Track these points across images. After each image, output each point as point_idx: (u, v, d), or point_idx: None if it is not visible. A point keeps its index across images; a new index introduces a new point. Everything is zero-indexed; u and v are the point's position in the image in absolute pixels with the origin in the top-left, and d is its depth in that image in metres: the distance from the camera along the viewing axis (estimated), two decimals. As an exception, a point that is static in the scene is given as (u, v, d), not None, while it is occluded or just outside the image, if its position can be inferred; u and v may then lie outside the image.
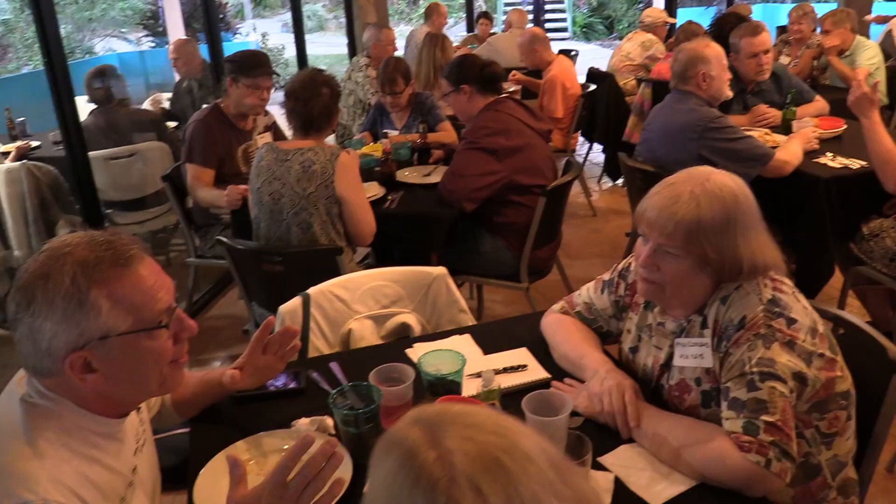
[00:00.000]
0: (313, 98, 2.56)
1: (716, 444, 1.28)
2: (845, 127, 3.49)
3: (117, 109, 4.18)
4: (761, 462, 1.23)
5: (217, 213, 3.33)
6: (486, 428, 0.72)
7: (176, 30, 10.13)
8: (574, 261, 4.30)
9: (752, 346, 1.32)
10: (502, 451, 0.69)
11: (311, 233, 2.56)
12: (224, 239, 2.62)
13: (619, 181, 5.73)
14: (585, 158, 6.20)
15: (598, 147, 6.01)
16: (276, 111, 3.34)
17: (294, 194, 2.53)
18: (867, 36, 6.01)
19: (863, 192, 2.94)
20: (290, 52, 8.49)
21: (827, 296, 3.36)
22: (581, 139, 5.90)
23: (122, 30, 16.12)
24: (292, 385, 1.62)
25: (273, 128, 3.56)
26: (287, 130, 3.05)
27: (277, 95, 3.05)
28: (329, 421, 1.46)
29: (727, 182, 1.40)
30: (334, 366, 1.66)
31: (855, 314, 2.99)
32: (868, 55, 4.86)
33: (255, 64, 3.19)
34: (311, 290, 1.95)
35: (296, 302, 1.92)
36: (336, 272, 2.21)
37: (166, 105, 5.27)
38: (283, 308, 1.90)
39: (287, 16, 7.24)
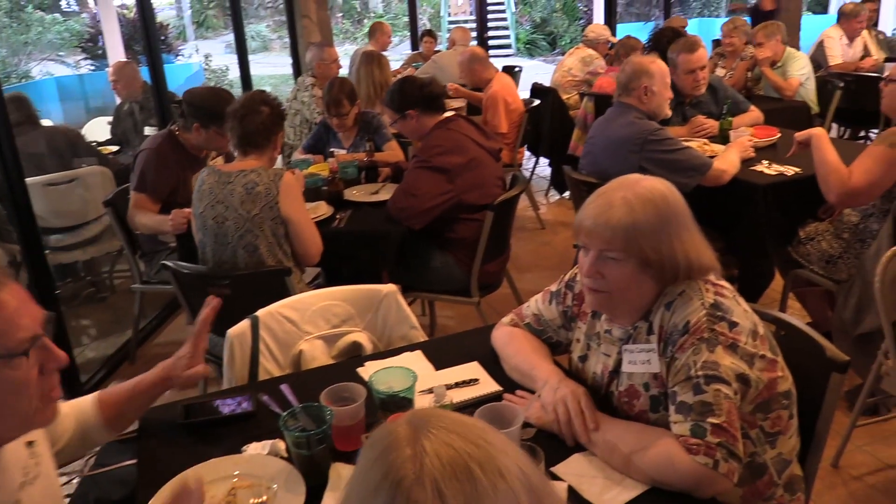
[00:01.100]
0: (250, 115, 2.54)
1: (664, 448, 1.30)
2: (779, 135, 3.61)
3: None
4: (709, 463, 1.26)
5: (164, 238, 3.27)
6: (470, 437, 0.72)
7: (116, 52, 9.94)
8: (524, 274, 4.34)
9: (696, 350, 1.35)
10: (477, 462, 0.70)
11: (257, 255, 2.53)
12: (170, 263, 2.57)
13: (566, 194, 5.81)
14: (532, 172, 6.28)
15: (544, 161, 6.10)
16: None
17: (238, 217, 2.50)
18: (797, 48, 6.24)
19: (798, 198, 3.04)
20: (235, 73, 8.41)
21: (769, 299, 3.45)
22: (527, 153, 5.97)
23: (60, 53, 15.75)
24: (243, 409, 1.60)
25: (229, 155, 3.50)
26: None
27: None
28: (281, 444, 1.44)
29: (657, 185, 1.45)
30: (285, 388, 1.64)
31: (796, 316, 3.09)
32: (798, 66, 5.05)
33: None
34: (260, 313, 1.93)
35: (244, 325, 1.90)
36: (285, 293, 2.19)
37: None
38: (231, 331, 1.87)
39: (230, 37, 7.19)
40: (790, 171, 3.12)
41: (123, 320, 3.89)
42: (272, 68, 15.69)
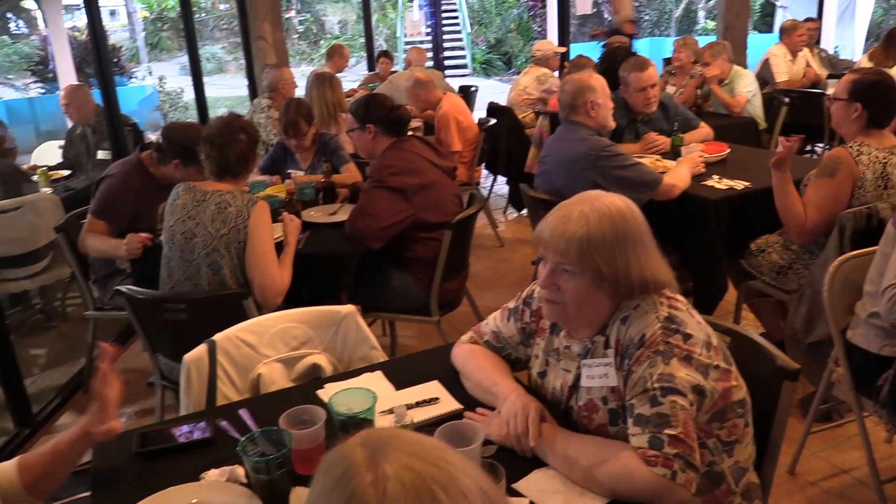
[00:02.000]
0: (230, 144, 2.53)
1: (623, 461, 1.32)
2: (729, 151, 3.70)
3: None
4: (667, 474, 1.28)
5: (120, 265, 3.21)
6: (429, 459, 0.71)
7: (67, 75, 9.79)
8: (484, 291, 4.35)
9: (652, 363, 1.37)
10: (439, 484, 0.69)
11: (220, 275, 2.51)
12: (123, 289, 2.52)
13: (524, 211, 5.87)
14: (490, 191, 6.33)
15: (501, 179, 6.15)
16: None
17: (207, 234, 2.49)
18: (744, 66, 6.42)
19: (748, 211, 3.12)
20: (190, 96, 8.33)
21: (724, 310, 3.52)
22: (485, 172, 6.02)
23: (9, 76, 15.43)
24: (200, 435, 1.57)
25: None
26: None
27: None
28: (240, 470, 1.42)
29: (616, 201, 1.47)
30: (244, 413, 1.62)
31: (750, 326, 3.16)
32: (745, 83, 5.21)
33: None
34: (217, 337, 1.90)
35: (201, 350, 1.87)
36: (243, 317, 2.16)
37: None
38: (187, 357, 1.84)
39: (185, 58, 7.14)
40: (740, 185, 3.20)
41: (77, 348, 3.80)
42: (228, 90, 15.59)
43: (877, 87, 2.67)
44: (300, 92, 5.08)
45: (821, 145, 6.22)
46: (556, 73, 6.11)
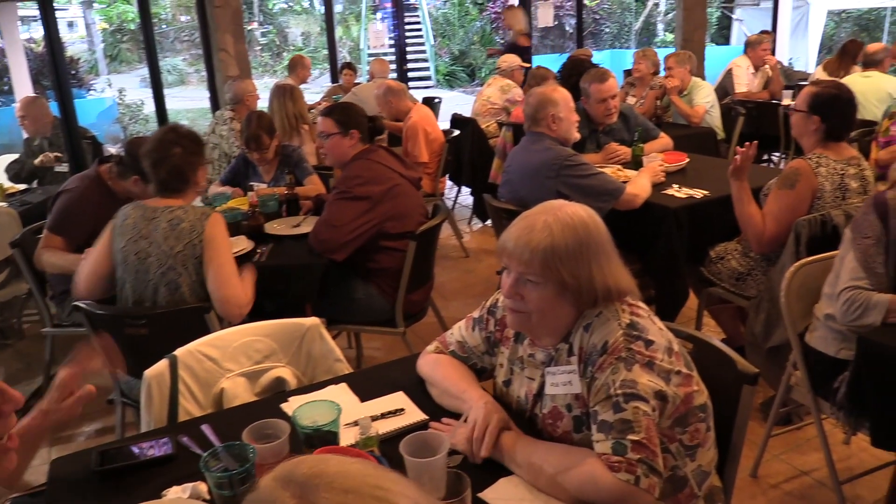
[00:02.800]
0: (163, 160, 2.47)
1: (588, 467, 1.33)
2: (688, 160, 3.77)
3: None
4: (631, 480, 1.29)
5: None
6: (364, 491, 0.68)
7: (23, 87, 9.62)
8: (449, 302, 4.36)
9: (614, 370, 1.39)
10: None
11: (179, 293, 2.46)
12: (82, 304, 2.47)
13: (489, 222, 5.90)
14: (455, 201, 6.35)
15: (466, 190, 6.18)
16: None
17: (161, 253, 2.43)
18: (702, 77, 6.56)
19: (708, 219, 3.18)
20: (150, 108, 8.23)
21: (686, 317, 3.57)
22: (449, 183, 6.04)
23: (-38, 89, 15.07)
24: (162, 452, 1.54)
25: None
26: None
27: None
28: (203, 486, 1.40)
29: (578, 212, 1.49)
30: (206, 428, 1.59)
31: (711, 332, 3.21)
32: (703, 94, 5.32)
33: None
34: (179, 352, 1.87)
35: (162, 365, 1.84)
36: (205, 331, 2.13)
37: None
38: (148, 372, 1.81)
39: (145, 70, 7.06)
40: (699, 193, 3.26)
41: (34, 366, 3.71)
42: (189, 102, 15.43)
43: (835, 101, 2.73)
44: (263, 104, 5.04)
45: (777, 155, 6.37)
46: (520, 86, 6.16)
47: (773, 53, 7.30)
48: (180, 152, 2.49)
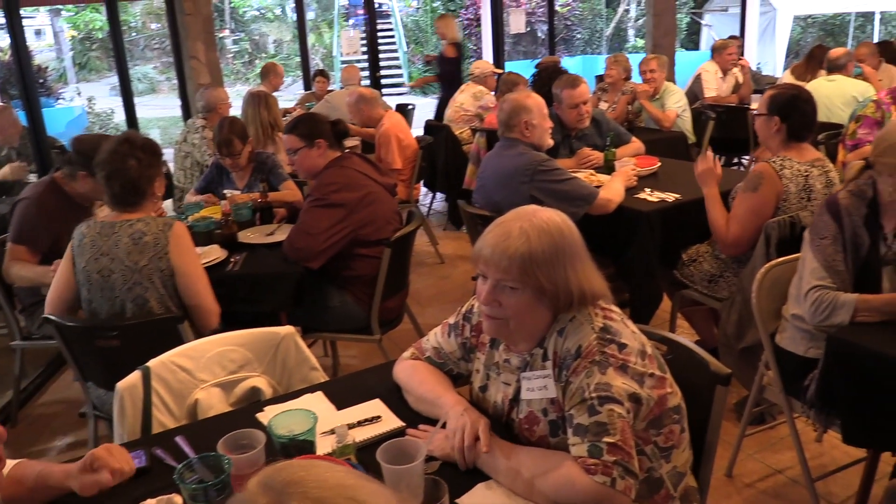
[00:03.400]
0: (116, 172, 2.39)
1: (564, 470, 1.33)
2: (660, 164, 3.81)
3: None
4: (607, 482, 1.30)
5: (45, 291, 3.09)
6: (336, 502, 0.68)
7: (-12, 97, 9.45)
8: (425, 308, 4.36)
9: (589, 373, 1.40)
10: None
11: (147, 308, 2.42)
12: (52, 317, 2.43)
13: (464, 228, 5.91)
14: (430, 208, 6.36)
15: (440, 196, 6.19)
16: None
17: (125, 269, 2.38)
18: (673, 82, 6.64)
19: (680, 222, 3.21)
20: (121, 116, 8.13)
21: (660, 320, 3.61)
22: (424, 189, 6.04)
23: (-74, 99, 14.77)
24: (135, 465, 1.52)
25: None
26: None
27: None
28: (177, 499, 1.38)
29: (553, 217, 1.50)
30: (181, 440, 1.58)
31: (685, 335, 3.24)
32: (675, 99, 5.39)
33: None
34: (152, 363, 1.85)
35: (135, 377, 1.82)
36: (178, 342, 2.11)
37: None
38: (120, 384, 1.79)
39: (115, 78, 6.98)
40: (671, 197, 3.30)
41: (3, 380, 3.64)
42: (161, 111, 15.28)
43: (794, 101, 2.80)
44: (235, 112, 5.01)
45: (747, 158, 6.46)
46: (493, 93, 6.19)
47: (741, 57, 7.42)
48: (135, 165, 2.41)
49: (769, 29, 15.41)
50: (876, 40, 9.63)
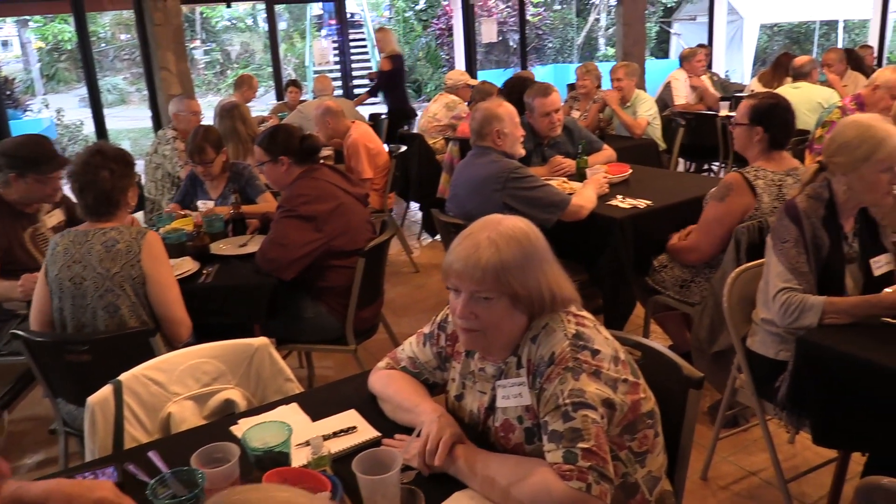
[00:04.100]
0: (89, 184, 2.39)
1: (540, 477, 1.34)
2: (631, 171, 3.85)
3: None
4: (583, 487, 1.31)
5: (10, 307, 3.03)
6: None
7: (-47, 110, 9.27)
8: (401, 318, 4.35)
9: (562, 380, 1.41)
10: None
11: (119, 316, 2.40)
12: (20, 332, 2.39)
13: (438, 236, 5.91)
14: (404, 217, 6.35)
15: (415, 205, 6.19)
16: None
17: (98, 276, 2.37)
18: (643, 90, 6.73)
19: (651, 229, 3.24)
20: (90, 128, 8.04)
21: (634, 325, 3.63)
22: (397, 198, 6.04)
23: None
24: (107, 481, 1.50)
25: (64, 203, 3.30)
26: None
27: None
28: (150, 514, 1.37)
29: (518, 223, 1.52)
30: (153, 454, 1.56)
31: (659, 340, 3.27)
32: (646, 107, 5.45)
33: (45, 159, 2.92)
34: (123, 377, 1.83)
35: (106, 391, 1.79)
36: (150, 355, 2.09)
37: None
38: (91, 399, 1.76)
39: (84, 90, 6.90)
40: (643, 203, 3.33)
41: (-31, 398, 3.56)
42: (131, 122, 15.14)
43: (775, 109, 2.83)
44: (207, 122, 4.97)
45: (717, 164, 6.55)
46: (467, 103, 6.22)
47: (709, 66, 7.54)
48: (108, 176, 2.40)
49: (737, 37, 15.68)
50: (840, 47, 9.82)
